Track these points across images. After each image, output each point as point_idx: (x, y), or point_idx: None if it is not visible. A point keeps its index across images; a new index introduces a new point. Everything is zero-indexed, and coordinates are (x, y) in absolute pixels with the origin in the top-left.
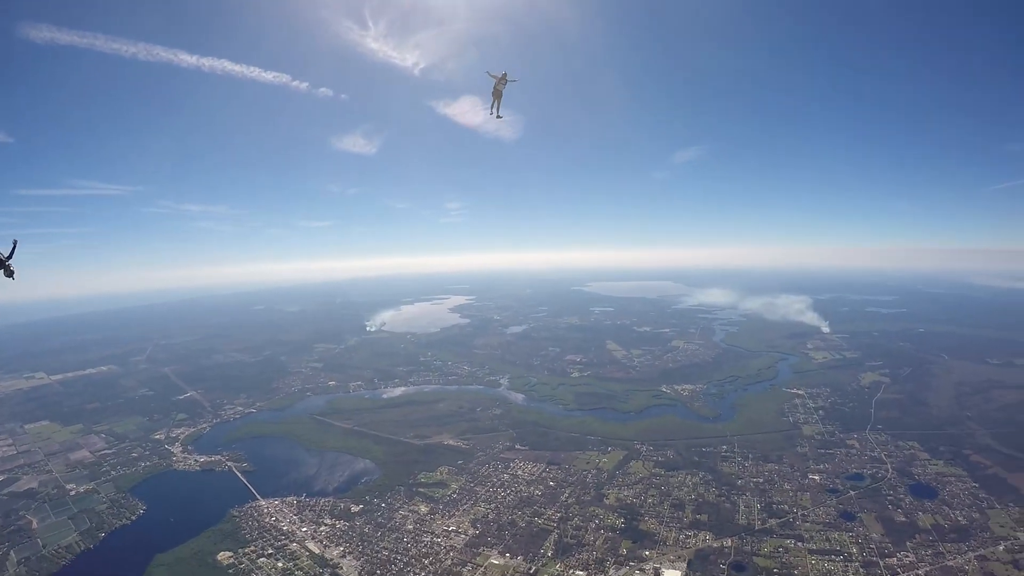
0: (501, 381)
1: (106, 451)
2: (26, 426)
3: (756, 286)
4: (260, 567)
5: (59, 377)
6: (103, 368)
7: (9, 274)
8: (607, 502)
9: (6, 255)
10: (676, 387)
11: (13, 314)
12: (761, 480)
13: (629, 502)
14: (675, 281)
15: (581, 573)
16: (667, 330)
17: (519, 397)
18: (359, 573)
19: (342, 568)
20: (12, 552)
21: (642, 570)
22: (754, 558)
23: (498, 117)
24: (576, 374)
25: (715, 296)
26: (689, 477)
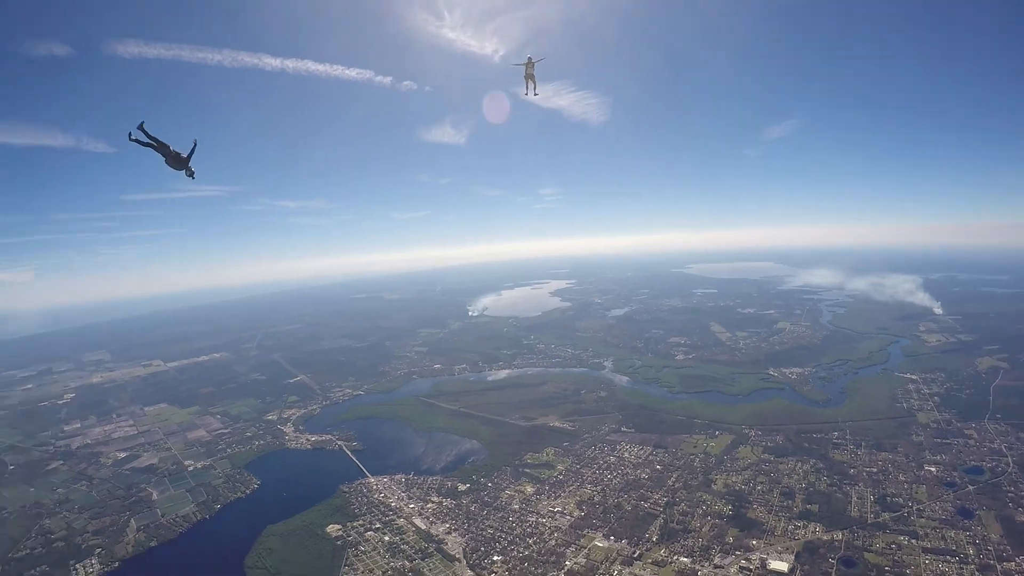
0: (605, 363)
1: (222, 431)
2: (146, 408)
3: (862, 265)
4: (367, 540)
5: (175, 364)
6: (215, 355)
7: (191, 174)
8: (715, 487)
9: (186, 155)
10: (783, 370)
11: (128, 308)
12: (875, 470)
13: (737, 488)
14: (777, 261)
15: (685, 560)
16: (772, 312)
17: (623, 379)
18: (464, 549)
19: (447, 544)
20: (132, 520)
21: (748, 560)
22: (865, 554)
23: (535, 95)
24: (680, 356)
25: (820, 276)
26: (799, 464)
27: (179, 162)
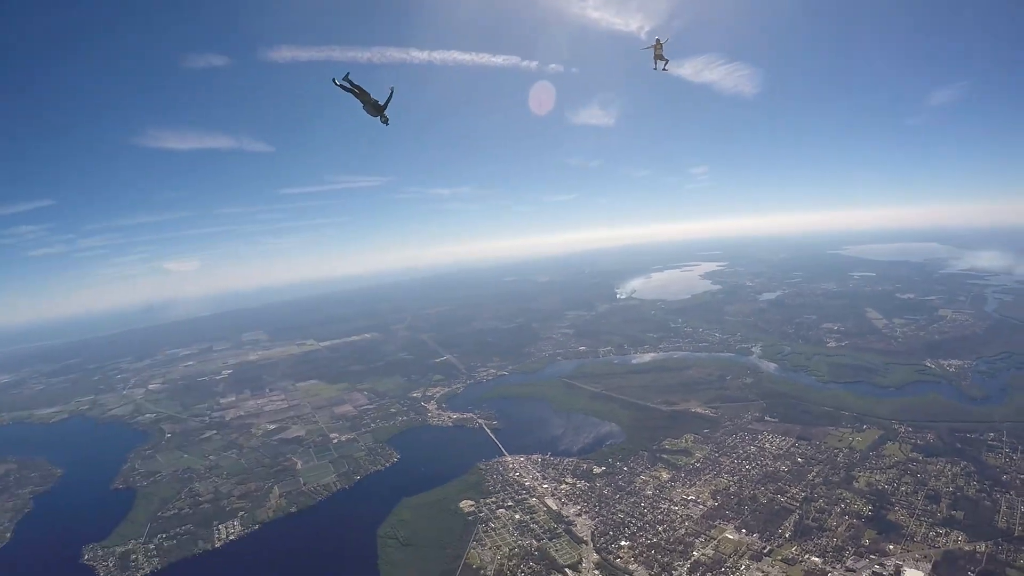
0: (753, 349)
1: (367, 406)
2: (297, 384)
3: None
4: (498, 517)
5: (327, 343)
6: (366, 335)
7: (385, 121)
8: (856, 485)
9: (383, 102)
10: (941, 362)
11: (286, 292)
12: None
13: (880, 488)
14: (942, 242)
15: (817, 559)
16: (933, 297)
17: (771, 366)
18: (592, 532)
19: (576, 525)
20: (276, 486)
21: (882, 565)
22: (1008, 569)
23: (664, 69)
24: (832, 344)
25: (988, 259)
26: (949, 466)
27: (376, 109)
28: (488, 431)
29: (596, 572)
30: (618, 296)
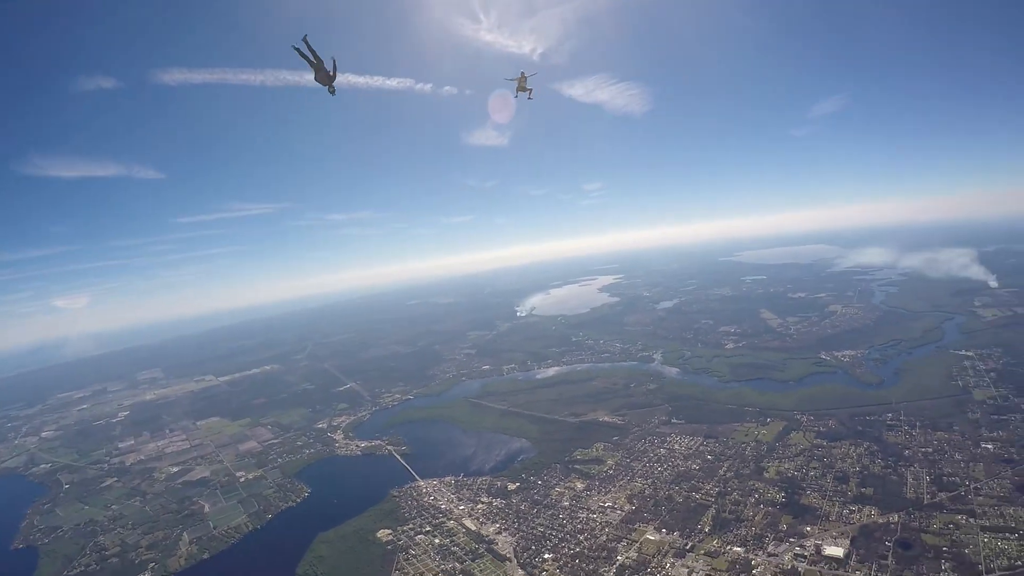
0: (654, 356)
1: (272, 441)
2: (198, 423)
3: (915, 242)
4: (418, 543)
5: (226, 378)
6: (267, 368)
7: (332, 91)
8: (767, 476)
9: (332, 72)
10: (836, 353)
11: (182, 327)
12: (930, 450)
13: (790, 475)
14: (828, 243)
15: (739, 549)
16: (823, 295)
17: (673, 371)
18: (514, 548)
19: (497, 544)
20: (185, 533)
21: (802, 546)
22: (922, 535)
23: (529, 98)
24: (731, 345)
25: (872, 256)
26: (853, 448)
27: (328, 78)
28: (398, 457)
29: None
30: (518, 314)
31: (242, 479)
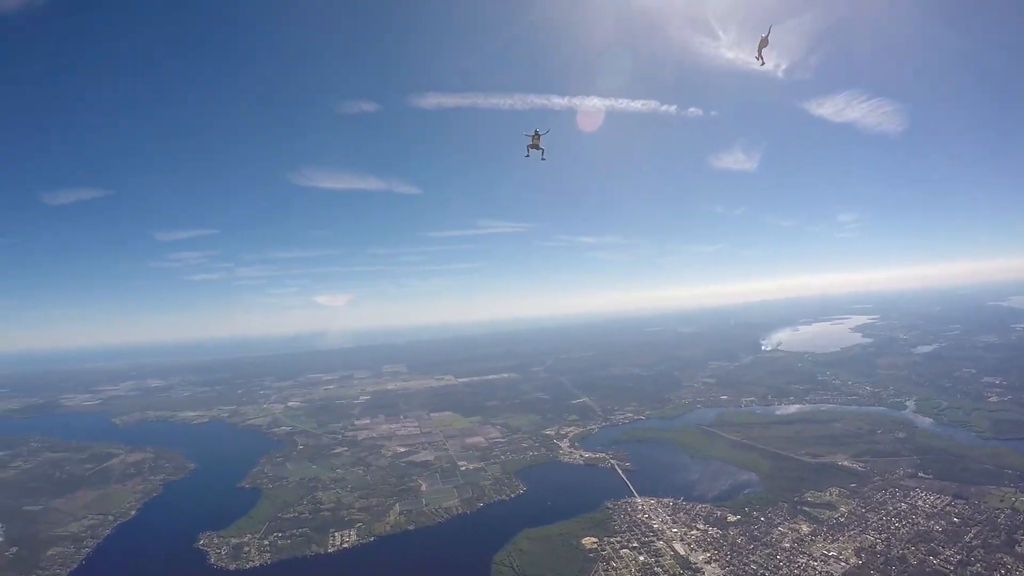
0: (906, 403)
1: (499, 439)
2: (432, 414)
3: None
4: (621, 557)
5: (465, 380)
6: (504, 375)
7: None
8: (1019, 550)
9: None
10: None
11: (428, 332)
12: None
13: None
14: None
15: None
16: None
17: (926, 421)
18: None
19: (704, 573)
20: (397, 504)
21: None
22: None
23: (542, 159)
24: (994, 398)
25: None
26: None
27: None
28: (619, 471)
29: None
30: (763, 347)
31: (463, 468)
